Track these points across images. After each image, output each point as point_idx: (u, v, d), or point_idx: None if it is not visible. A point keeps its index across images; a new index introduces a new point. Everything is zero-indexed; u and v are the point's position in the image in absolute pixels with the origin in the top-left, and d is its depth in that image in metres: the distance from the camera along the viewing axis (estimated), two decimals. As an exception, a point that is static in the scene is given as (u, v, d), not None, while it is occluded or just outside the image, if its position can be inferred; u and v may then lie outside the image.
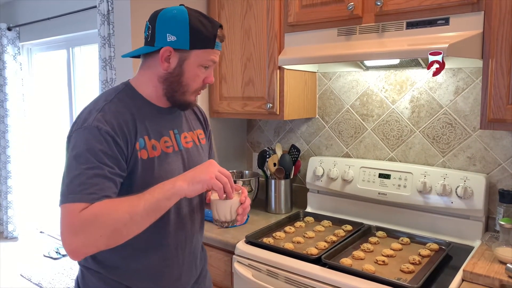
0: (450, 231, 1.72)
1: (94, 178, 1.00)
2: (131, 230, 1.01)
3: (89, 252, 1.02)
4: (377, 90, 1.98)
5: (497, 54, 1.36)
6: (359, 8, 1.62)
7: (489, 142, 1.71)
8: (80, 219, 0.96)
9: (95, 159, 1.01)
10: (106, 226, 0.97)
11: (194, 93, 1.20)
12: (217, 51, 1.19)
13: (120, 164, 1.06)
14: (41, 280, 3.38)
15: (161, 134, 1.19)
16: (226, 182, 1.08)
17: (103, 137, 1.04)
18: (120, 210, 0.98)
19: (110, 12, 2.85)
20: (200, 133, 1.35)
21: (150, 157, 1.13)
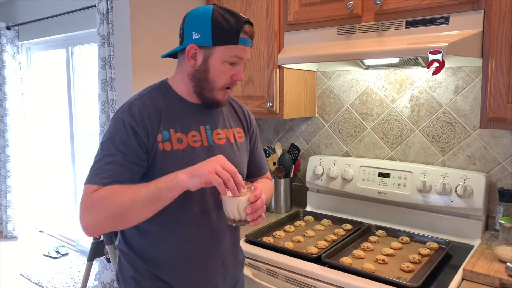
0: (450, 230, 1.72)
1: (109, 164, 1.11)
2: (133, 216, 1.07)
3: (97, 230, 1.12)
4: (377, 89, 1.98)
5: (497, 52, 1.36)
6: (358, 7, 1.62)
7: (489, 141, 1.71)
8: (90, 199, 1.07)
9: (113, 147, 1.12)
10: (110, 209, 1.05)
11: (221, 90, 1.20)
12: (243, 47, 1.17)
13: (138, 154, 1.13)
14: (40, 280, 3.38)
15: (189, 128, 1.21)
16: (227, 178, 1.04)
17: (125, 127, 1.13)
18: (124, 195, 1.05)
19: (109, 11, 2.84)
20: (238, 131, 1.34)
21: (174, 149, 1.17)
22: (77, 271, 3.54)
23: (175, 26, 2.04)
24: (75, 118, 3.96)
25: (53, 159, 4.43)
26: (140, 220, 1.09)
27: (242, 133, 1.36)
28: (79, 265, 3.64)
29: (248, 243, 1.68)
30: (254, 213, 1.10)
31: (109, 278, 3.12)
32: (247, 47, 1.19)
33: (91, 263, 2.78)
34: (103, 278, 3.13)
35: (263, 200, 1.12)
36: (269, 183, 1.47)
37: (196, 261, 1.24)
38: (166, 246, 1.21)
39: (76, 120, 3.96)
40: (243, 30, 1.16)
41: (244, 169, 1.34)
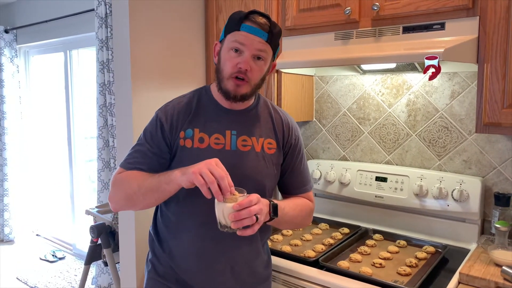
0: (446, 234, 1.73)
1: (136, 152, 1.26)
2: (139, 200, 1.18)
3: (117, 207, 1.25)
4: (374, 94, 2.00)
5: (492, 58, 1.38)
6: (356, 13, 1.63)
7: (484, 146, 1.72)
8: (115, 179, 1.24)
9: (144, 137, 1.27)
10: (123, 190, 1.21)
11: (229, 79, 1.20)
12: (245, 33, 1.18)
13: (160, 146, 1.24)
14: (37, 283, 3.36)
15: (214, 130, 1.25)
16: (211, 180, 1.02)
17: (155, 121, 1.26)
18: (135, 180, 1.18)
19: (108, 15, 2.85)
20: (269, 142, 1.30)
21: (194, 147, 1.23)
22: (73, 275, 3.53)
23: (174, 30, 2.05)
24: (72, 121, 3.96)
25: (51, 163, 4.42)
26: (146, 205, 1.20)
27: (274, 145, 1.31)
28: (76, 269, 3.63)
29: (246, 246, 1.69)
30: (239, 222, 1.05)
31: (106, 282, 3.11)
32: (251, 34, 1.18)
33: (88, 267, 2.77)
34: (100, 282, 3.12)
35: (250, 211, 1.06)
36: (304, 202, 1.36)
37: (202, 261, 1.26)
38: (180, 237, 1.27)
39: (74, 124, 3.96)
40: (247, 18, 1.19)
41: (267, 180, 1.29)
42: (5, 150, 4.26)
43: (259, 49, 1.19)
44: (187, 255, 1.27)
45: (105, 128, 3.00)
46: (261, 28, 1.19)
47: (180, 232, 1.27)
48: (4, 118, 4.23)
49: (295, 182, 1.38)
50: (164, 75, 2.01)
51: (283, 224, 1.32)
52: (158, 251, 1.33)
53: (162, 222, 1.32)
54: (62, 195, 4.24)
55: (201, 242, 1.25)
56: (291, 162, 1.35)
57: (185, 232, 1.26)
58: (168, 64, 2.03)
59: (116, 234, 2.62)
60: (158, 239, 1.33)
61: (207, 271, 1.27)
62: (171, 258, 1.29)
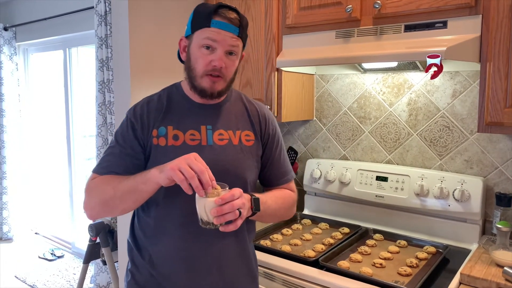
0: (447, 234, 1.72)
1: (109, 156, 1.22)
2: (116, 204, 1.13)
3: (94, 215, 1.19)
4: (375, 93, 1.98)
5: (495, 57, 1.37)
6: (357, 11, 1.62)
7: (486, 145, 1.71)
8: (88, 185, 1.19)
9: (115, 140, 1.23)
10: (98, 196, 1.16)
11: (203, 77, 1.18)
12: (216, 30, 1.14)
13: (133, 147, 1.20)
14: (35, 282, 3.35)
15: (188, 127, 1.22)
16: (191, 176, 0.99)
17: (126, 122, 1.23)
18: (110, 184, 1.14)
19: (107, 13, 2.83)
20: (247, 134, 1.28)
21: (168, 145, 1.19)
22: (72, 273, 3.52)
23: (173, 28, 2.04)
24: (72, 119, 3.95)
25: (50, 161, 4.41)
26: (124, 209, 1.15)
27: (252, 137, 1.29)
28: (75, 268, 3.62)
29: (245, 246, 1.68)
30: (221, 217, 1.02)
31: (105, 280, 3.10)
32: (223, 30, 1.15)
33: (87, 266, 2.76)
34: (99, 281, 3.11)
35: (233, 205, 1.03)
36: (286, 193, 1.35)
37: (185, 262, 1.21)
38: (159, 242, 1.22)
39: (73, 122, 3.95)
40: (216, 13, 1.15)
41: (248, 173, 1.26)
42: (4, 148, 4.25)
43: (231, 45, 1.17)
44: (170, 259, 1.21)
45: (104, 126, 2.99)
46: (232, 23, 1.16)
47: (160, 237, 1.22)
48: (3, 116, 4.21)
49: (276, 174, 1.36)
50: (163, 73, 2.00)
51: (266, 218, 1.28)
52: (137, 260, 1.26)
53: (140, 229, 1.26)
54: (61, 193, 4.23)
55: (184, 243, 1.20)
56: (271, 153, 1.34)
57: (166, 235, 1.21)
58: (167, 62, 2.02)
59: (115, 233, 2.62)
60: (137, 247, 1.27)
61: (192, 273, 1.21)
62: (151, 265, 1.23)
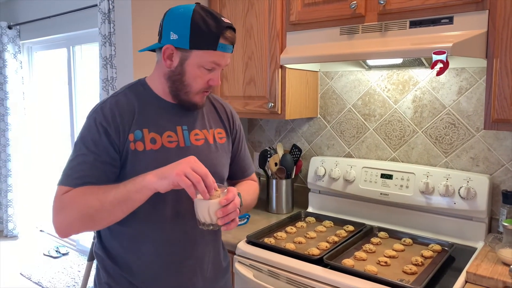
0: (453, 232, 1.71)
1: (81, 165, 1.09)
2: (102, 217, 1.05)
3: (70, 232, 1.08)
4: (380, 90, 1.97)
5: (502, 53, 1.35)
6: (362, 7, 1.61)
7: (492, 143, 1.70)
8: (61, 200, 1.06)
9: (85, 147, 1.10)
10: (79, 210, 1.04)
11: (198, 94, 1.18)
12: (221, 53, 1.13)
13: (109, 153, 1.10)
14: (40, 279, 3.37)
15: (164, 128, 1.18)
16: (197, 180, 1.00)
17: (96, 127, 1.11)
18: (94, 196, 1.04)
19: (110, 10, 2.83)
20: (219, 132, 1.30)
21: (146, 150, 1.14)
22: (77, 270, 3.53)
23: (177, 25, 2.03)
24: (75, 117, 3.96)
25: (54, 158, 4.43)
26: (111, 221, 1.07)
27: (224, 134, 1.32)
28: (79, 265, 3.63)
29: (249, 244, 1.67)
30: (226, 217, 1.04)
31: (109, 278, 3.11)
32: (226, 53, 1.14)
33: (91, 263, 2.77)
34: (103, 278, 3.12)
35: (235, 204, 1.06)
36: (253, 184, 1.42)
37: (169, 267, 1.20)
38: (138, 250, 1.18)
39: (77, 120, 3.96)
40: (223, 36, 1.11)
41: (224, 170, 1.30)
42: (8, 146, 4.27)
43: (227, 64, 1.19)
44: (153, 266, 1.18)
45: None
46: (232, 43, 1.16)
47: (140, 244, 1.18)
48: (8, 114, 4.23)
49: (243, 166, 1.41)
50: (167, 71, 1.99)
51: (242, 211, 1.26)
52: (113, 270, 1.20)
53: (113, 238, 1.20)
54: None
55: (168, 248, 1.19)
56: (238, 149, 1.38)
57: (147, 242, 1.17)
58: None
59: (119, 230, 2.62)
60: (110, 258, 1.21)
61: (177, 277, 1.21)
62: (130, 274, 1.19)
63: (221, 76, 2.10)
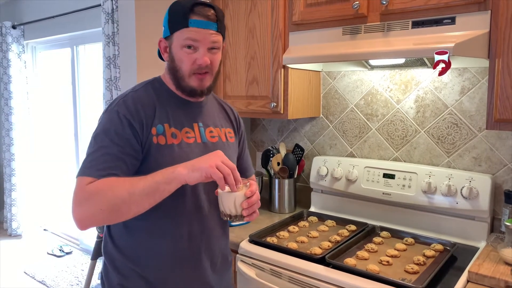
0: (455, 232, 1.71)
1: (104, 156, 1.09)
2: (130, 209, 1.05)
3: (91, 224, 1.07)
4: (382, 90, 1.97)
5: (504, 54, 1.35)
6: (364, 7, 1.61)
7: (494, 143, 1.70)
8: (85, 191, 1.05)
9: (108, 139, 1.11)
10: (106, 201, 1.03)
11: (191, 76, 1.19)
12: (195, 29, 1.14)
13: (132, 145, 1.12)
14: (44, 278, 3.39)
15: (182, 124, 1.22)
16: (228, 173, 1.05)
17: (120, 119, 1.13)
18: (121, 187, 1.04)
19: (114, 10, 2.84)
20: (229, 131, 1.35)
21: (168, 144, 1.17)
22: (80, 269, 3.55)
23: (180, 25, 2.04)
24: (79, 116, 3.98)
25: (58, 158, 4.45)
26: (137, 213, 1.07)
27: (233, 134, 1.37)
28: (83, 264, 3.65)
29: (252, 243, 1.68)
30: (250, 208, 1.11)
31: (113, 277, 3.12)
32: (202, 28, 1.15)
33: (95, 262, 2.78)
34: (107, 277, 3.13)
35: (258, 195, 1.14)
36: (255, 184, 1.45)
37: (185, 261, 1.22)
38: (155, 245, 1.20)
39: (81, 119, 3.98)
40: (193, 12, 1.14)
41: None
42: (12, 145, 4.29)
43: (212, 41, 1.18)
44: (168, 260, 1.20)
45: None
46: (210, 19, 1.16)
47: (157, 239, 1.19)
48: (12, 113, 4.25)
49: (245, 167, 1.46)
50: (170, 71, 2.00)
51: None
52: (126, 269, 1.20)
53: (129, 236, 1.20)
54: (69, 190, 4.27)
55: (186, 242, 1.21)
56: (242, 149, 1.44)
57: (164, 237, 1.19)
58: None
59: (123, 229, 2.63)
60: (123, 255, 1.21)
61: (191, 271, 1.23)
62: (145, 270, 1.19)
63: (223, 76, 2.13)
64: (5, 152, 4.37)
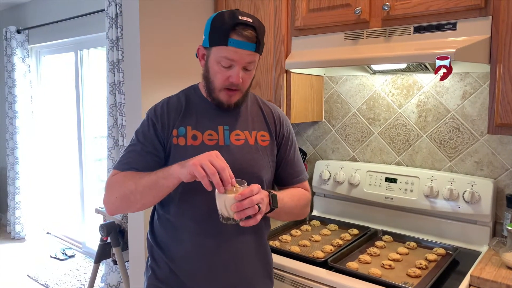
0: (457, 236, 1.71)
1: (130, 153, 1.25)
2: (137, 199, 1.16)
3: (113, 210, 1.21)
4: (384, 94, 1.98)
5: (505, 59, 1.36)
6: (366, 13, 1.62)
7: (496, 147, 1.70)
8: (110, 181, 1.22)
9: (137, 138, 1.26)
10: (118, 190, 1.18)
11: (222, 91, 1.22)
12: (234, 49, 1.14)
13: (154, 144, 1.24)
14: (47, 281, 3.40)
15: (206, 127, 1.26)
16: (212, 172, 1.02)
17: (147, 122, 1.27)
18: (131, 180, 1.17)
19: (118, 15, 2.87)
20: (262, 134, 1.32)
21: (187, 145, 1.23)
22: (83, 273, 3.56)
23: (184, 30, 2.06)
24: (83, 120, 4.00)
25: (61, 161, 4.47)
26: (143, 204, 1.18)
27: (267, 137, 1.33)
28: (86, 267, 3.66)
29: (255, 246, 1.69)
30: (241, 212, 1.06)
31: (115, 280, 3.13)
32: (240, 49, 1.15)
33: (98, 265, 2.80)
34: (109, 280, 3.15)
35: (252, 200, 1.06)
36: (301, 192, 1.38)
37: (203, 257, 1.24)
38: (179, 238, 1.26)
39: (84, 123, 4.00)
40: (234, 31, 1.13)
41: (264, 172, 1.29)
42: (16, 149, 4.32)
43: (248, 62, 1.19)
44: (189, 255, 1.25)
45: (115, 127, 3.03)
46: (249, 40, 1.15)
47: (179, 233, 1.26)
48: (16, 117, 4.28)
49: (290, 173, 1.38)
50: (174, 75, 2.02)
51: (283, 215, 1.31)
52: (157, 256, 1.31)
53: (160, 226, 1.30)
54: (72, 193, 4.28)
55: (202, 240, 1.24)
56: (285, 153, 1.37)
57: (185, 232, 1.25)
58: (178, 64, 2.04)
59: (125, 232, 2.64)
60: (156, 244, 1.31)
61: (210, 269, 1.25)
62: (171, 261, 1.27)
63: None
64: (9, 155, 4.39)
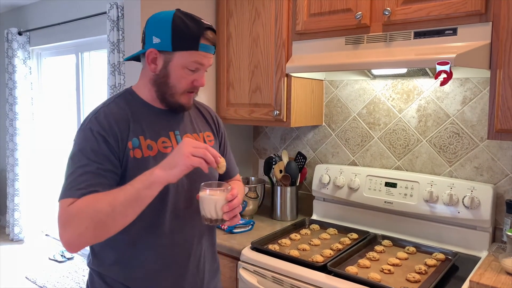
0: (457, 241, 1.71)
1: (84, 175, 1.06)
2: (116, 221, 1.03)
3: (81, 244, 1.04)
4: (384, 99, 1.99)
5: (505, 64, 1.37)
6: (367, 18, 1.63)
7: (496, 153, 1.71)
8: (67, 212, 1.02)
9: (85, 157, 1.08)
10: (90, 218, 1.01)
11: (183, 94, 1.20)
12: (203, 53, 1.16)
13: (111, 161, 1.10)
14: (46, 283, 3.39)
15: (158, 135, 1.21)
16: (204, 153, 1.04)
17: (94, 137, 1.10)
18: (102, 202, 1.01)
19: (119, 18, 2.88)
20: (208, 135, 1.35)
21: (144, 156, 1.15)
22: (82, 275, 3.55)
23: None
24: (83, 123, 3.99)
25: (61, 164, 4.46)
26: (124, 224, 1.04)
27: (212, 137, 1.37)
28: (84, 270, 3.65)
29: (254, 250, 1.69)
30: (231, 212, 1.10)
31: (114, 283, 3.12)
32: (208, 53, 1.18)
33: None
34: (108, 283, 3.13)
35: (239, 199, 1.13)
36: (241, 184, 1.47)
37: (171, 269, 1.21)
38: (140, 256, 1.18)
39: (84, 125, 3.99)
40: (203, 36, 1.15)
41: (215, 172, 1.31)
42: (16, 151, 4.32)
43: (210, 64, 1.21)
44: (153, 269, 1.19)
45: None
46: (213, 44, 1.19)
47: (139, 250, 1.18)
48: (16, 119, 4.28)
49: (228, 168, 1.39)
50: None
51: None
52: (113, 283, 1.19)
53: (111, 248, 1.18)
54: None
55: (171, 250, 1.21)
56: (224, 150, 1.43)
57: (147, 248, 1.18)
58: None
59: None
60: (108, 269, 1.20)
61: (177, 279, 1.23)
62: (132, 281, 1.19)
63: (227, 84, 2.15)
64: (9, 157, 4.39)
